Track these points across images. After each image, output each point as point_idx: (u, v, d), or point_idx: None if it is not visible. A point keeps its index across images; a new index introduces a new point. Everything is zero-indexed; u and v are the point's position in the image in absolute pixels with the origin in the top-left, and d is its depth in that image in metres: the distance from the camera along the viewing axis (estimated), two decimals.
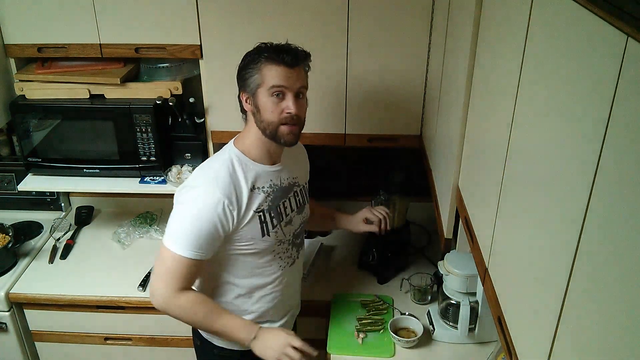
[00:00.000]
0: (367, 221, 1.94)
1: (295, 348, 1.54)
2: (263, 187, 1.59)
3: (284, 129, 1.53)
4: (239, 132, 1.66)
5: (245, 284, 1.66)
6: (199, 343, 1.78)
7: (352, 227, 1.99)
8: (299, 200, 1.73)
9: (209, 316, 1.56)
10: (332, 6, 1.93)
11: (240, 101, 1.60)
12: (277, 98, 1.51)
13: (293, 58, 1.50)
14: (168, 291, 1.52)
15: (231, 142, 1.63)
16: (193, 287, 1.60)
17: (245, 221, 1.55)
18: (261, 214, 1.58)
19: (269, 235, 1.61)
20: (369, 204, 2.15)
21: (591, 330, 0.71)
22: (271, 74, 1.49)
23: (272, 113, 1.52)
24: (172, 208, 1.56)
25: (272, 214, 1.61)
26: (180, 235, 1.50)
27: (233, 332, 1.57)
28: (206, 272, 1.64)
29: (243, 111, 1.61)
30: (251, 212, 1.56)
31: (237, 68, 1.58)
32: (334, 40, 1.98)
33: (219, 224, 1.50)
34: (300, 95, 1.55)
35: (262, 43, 1.56)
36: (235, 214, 1.52)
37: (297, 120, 1.54)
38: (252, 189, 1.56)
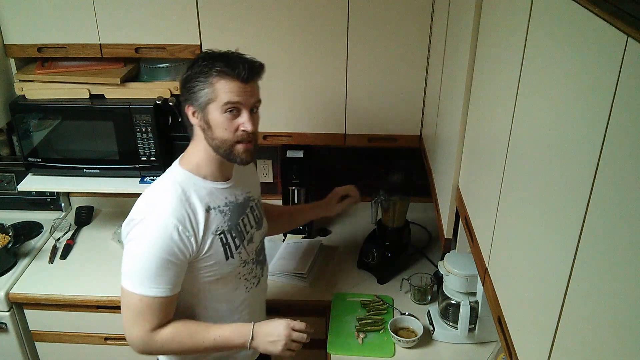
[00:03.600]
0: (341, 199, 1.93)
1: (297, 330, 1.48)
2: (219, 207, 1.48)
3: (239, 147, 1.43)
4: None
5: (214, 313, 1.55)
6: None
7: (327, 211, 1.94)
8: (256, 215, 1.64)
9: (196, 339, 1.45)
10: (332, 6, 1.93)
11: (184, 114, 1.45)
12: (230, 114, 1.40)
13: (249, 72, 1.38)
14: (143, 333, 1.41)
15: (176, 163, 1.50)
16: None
17: (207, 246, 1.44)
18: (222, 235, 1.48)
19: (233, 258, 1.51)
20: (369, 204, 2.16)
21: (591, 330, 0.71)
22: (225, 90, 1.38)
23: (226, 130, 1.40)
24: None
25: (234, 234, 1.51)
26: (140, 275, 1.38)
27: (228, 343, 1.47)
28: None
29: (188, 125, 1.47)
30: (210, 235, 1.45)
31: (182, 77, 1.43)
32: (334, 40, 1.98)
33: (178, 251, 1.38)
34: (254, 110, 1.45)
35: (210, 51, 1.44)
36: (192, 240, 1.40)
37: (252, 137, 1.44)
38: (208, 209, 1.45)
